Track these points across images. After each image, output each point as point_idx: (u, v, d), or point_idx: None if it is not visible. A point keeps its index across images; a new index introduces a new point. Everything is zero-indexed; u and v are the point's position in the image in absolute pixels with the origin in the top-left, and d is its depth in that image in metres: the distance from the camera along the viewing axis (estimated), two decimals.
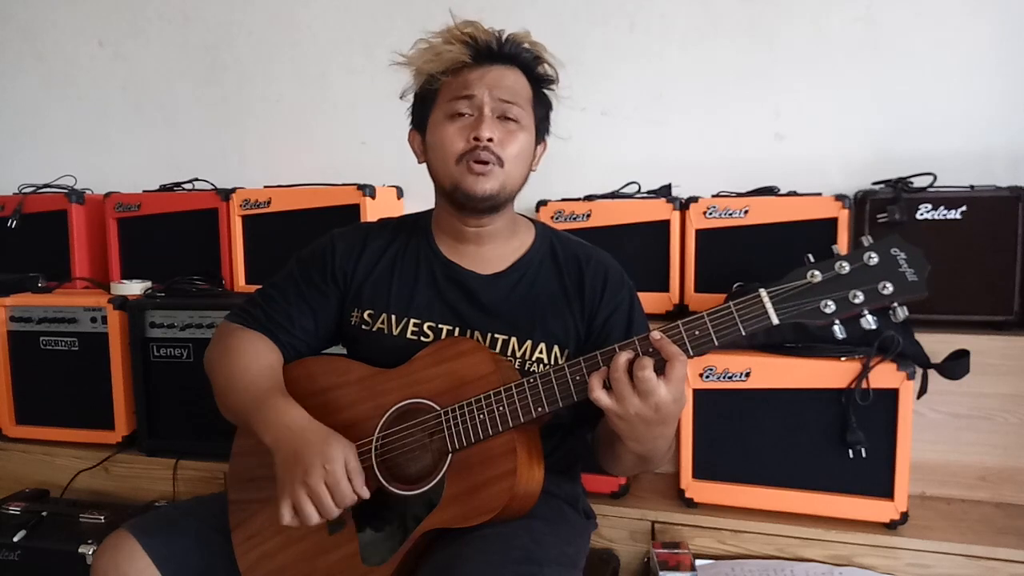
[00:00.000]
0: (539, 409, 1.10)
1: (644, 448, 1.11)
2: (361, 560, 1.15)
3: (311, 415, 1.20)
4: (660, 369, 1.03)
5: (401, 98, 1.34)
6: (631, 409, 1.03)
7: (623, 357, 1.04)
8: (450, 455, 1.14)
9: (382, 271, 1.34)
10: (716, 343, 1.03)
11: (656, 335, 1.04)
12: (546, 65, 1.30)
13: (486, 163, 1.21)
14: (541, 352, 1.28)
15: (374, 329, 1.31)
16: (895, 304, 0.97)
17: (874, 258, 0.98)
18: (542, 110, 1.32)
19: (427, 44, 1.26)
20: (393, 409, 1.20)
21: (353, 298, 1.34)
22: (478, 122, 1.21)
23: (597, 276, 1.32)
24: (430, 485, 1.14)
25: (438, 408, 1.16)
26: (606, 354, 1.07)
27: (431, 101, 1.27)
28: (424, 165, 1.33)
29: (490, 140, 1.21)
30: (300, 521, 1.10)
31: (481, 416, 1.12)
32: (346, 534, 1.18)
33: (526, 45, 1.27)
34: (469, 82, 1.23)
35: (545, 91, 1.32)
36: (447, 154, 1.23)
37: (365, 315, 1.33)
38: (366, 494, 1.12)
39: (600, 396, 1.04)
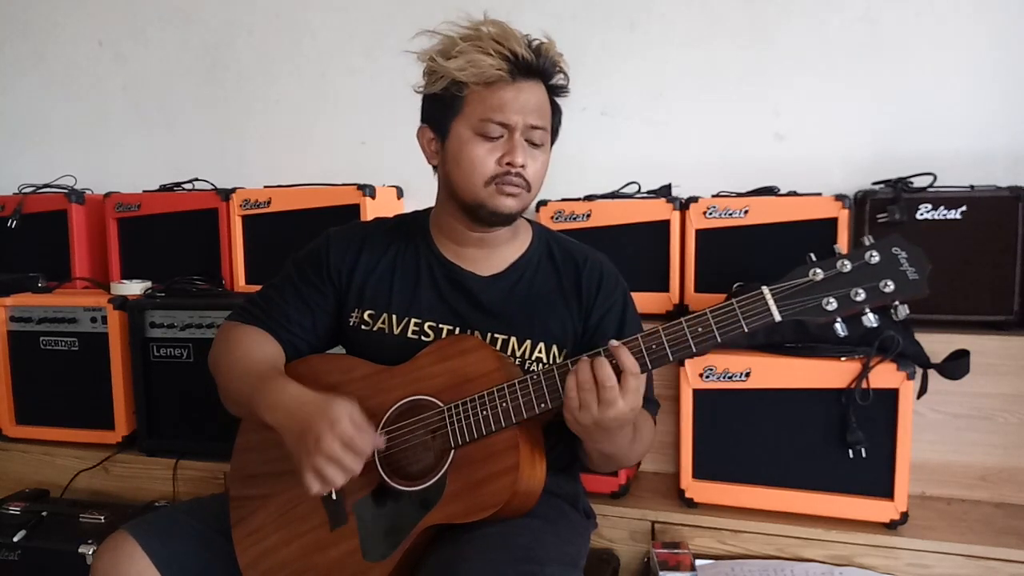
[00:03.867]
0: (542, 405, 1.11)
1: (603, 447, 1.15)
2: (362, 556, 1.15)
3: None
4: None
5: (416, 91, 1.31)
6: (588, 419, 1.06)
7: (586, 367, 1.06)
8: (452, 451, 1.14)
9: (383, 272, 1.34)
10: (719, 339, 1.03)
11: (614, 342, 1.07)
12: (561, 74, 1.29)
13: (517, 187, 1.22)
14: (540, 351, 1.28)
15: (374, 329, 1.32)
16: (896, 302, 0.98)
17: (875, 257, 0.98)
18: (556, 121, 1.31)
19: (450, 41, 1.22)
20: (396, 406, 1.21)
21: (353, 298, 1.34)
22: (511, 148, 1.21)
23: (592, 276, 1.33)
24: (432, 481, 1.14)
25: (441, 405, 1.17)
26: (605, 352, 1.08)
27: (456, 108, 1.24)
28: (426, 165, 1.33)
29: (522, 167, 1.21)
30: (327, 486, 1.09)
31: (484, 412, 1.12)
32: (347, 530, 1.18)
33: (554, 58, 1.25)
34: (504, 103, 1.20)
35: (560, 102, 1.31)
36: (476, 174, 1.22)
37: (365, 315, 1.33)
38: (382, 443, 1.14)
39: (571, 397, 1.07)
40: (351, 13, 2.57)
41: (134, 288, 2.20)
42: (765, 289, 1.01)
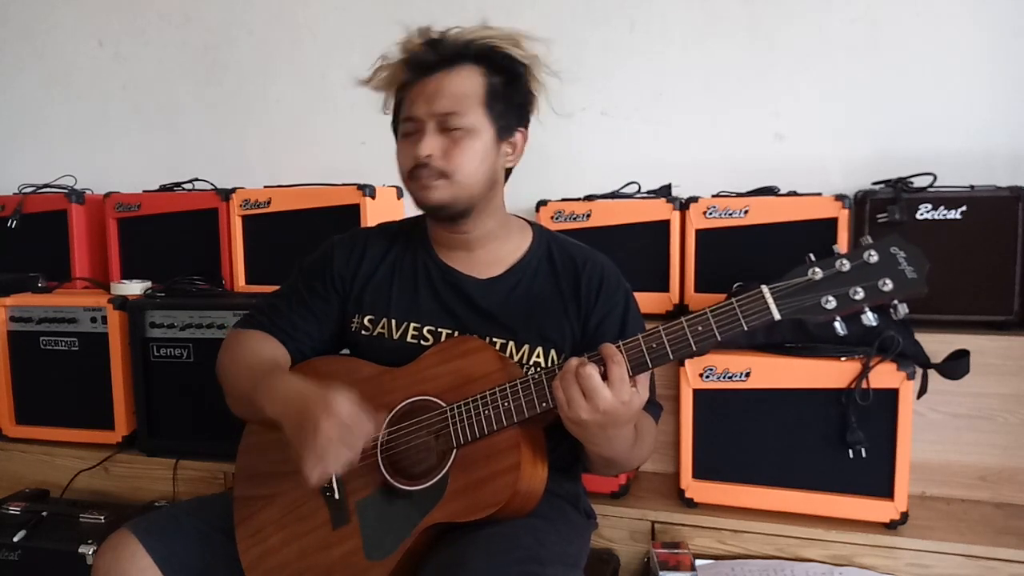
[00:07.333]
0: (543, 404, 1.11)
1: (602, 450, 1.13)
2: (364, 555, 1.16)
3: None
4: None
5: (385, 113, 1.36)
6: (582, 413, 1.04)
7: (573, 362, 1.05)
8: (455, 451, 1.14)
9: (382, 277, 1.35)
10: (718, 338, 1.04)
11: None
12: (504, 52, 1.24)
13: (428, 178, 1.23)
14: (539, 356, 1.28)
15: (374, 334, 1.32)
16: (895, 301, 0.98)
17: (874, 256, 0.99)
18: (502, 103, 1.25)
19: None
20: (399, 406, 1.21)
21: (354, 304, 1.35)
22: (417, 140, 1.24)
23: (593, 278, 1.32)
24: (434, 480, 1.15)
25: (443, 405, 1.17)
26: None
27: (397, 120, 1.32)
28: None
29: (428, 156, 1.22)
30: (326, 473, 1.08)
31: (487, 412, 1.12)
32: (349, 529, 1.18)
33: (473, 39, 1.23)
34: (411, 101, 1.26)
35: (513, 79, 1.26)
36: (401, 173, 1.28)
37: (365, 320, 1.33)
38: (380, 430, 1.15)
39: (559, 397, 1.07)
40: (351, 14, 2.57)
41: (134, 288, 2.20)
42: (764, 288, 1.02)
